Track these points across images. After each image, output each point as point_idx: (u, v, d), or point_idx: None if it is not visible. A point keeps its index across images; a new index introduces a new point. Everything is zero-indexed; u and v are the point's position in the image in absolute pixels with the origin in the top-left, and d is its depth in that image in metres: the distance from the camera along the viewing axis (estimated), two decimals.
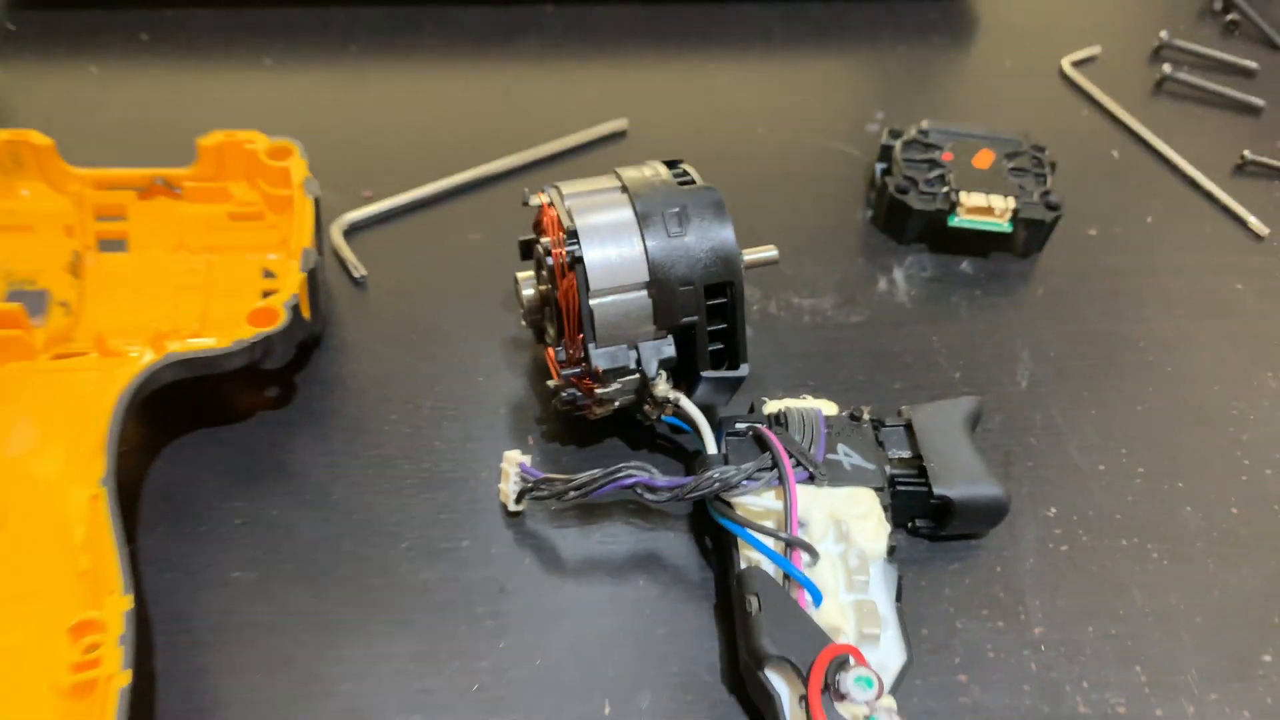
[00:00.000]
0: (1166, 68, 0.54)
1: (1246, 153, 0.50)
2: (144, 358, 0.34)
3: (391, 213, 0.45)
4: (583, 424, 0.38)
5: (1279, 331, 0.44)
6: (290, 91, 0.50)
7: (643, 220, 0.34)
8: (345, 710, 0.31)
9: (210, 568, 0.34)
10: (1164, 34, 0.56)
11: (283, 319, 0.35)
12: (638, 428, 0.38)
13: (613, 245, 0.34)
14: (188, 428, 0.37)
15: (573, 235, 0.34)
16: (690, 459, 0.38)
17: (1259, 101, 0.54)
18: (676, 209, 0.34)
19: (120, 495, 0.31)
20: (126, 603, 0.28)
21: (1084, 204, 0.48)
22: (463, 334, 0.41)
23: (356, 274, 0.42)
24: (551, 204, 0.35)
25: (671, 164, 0.37)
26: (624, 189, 0.35)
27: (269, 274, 0.41)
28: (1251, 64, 0.56)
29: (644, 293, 0.34)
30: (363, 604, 0.34)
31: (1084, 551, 0.37)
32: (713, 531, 0.36)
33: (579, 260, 0.33)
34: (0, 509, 0.31)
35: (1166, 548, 0.37)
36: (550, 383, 0.37)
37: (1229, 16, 0.58)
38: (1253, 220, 0.48)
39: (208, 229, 0.41)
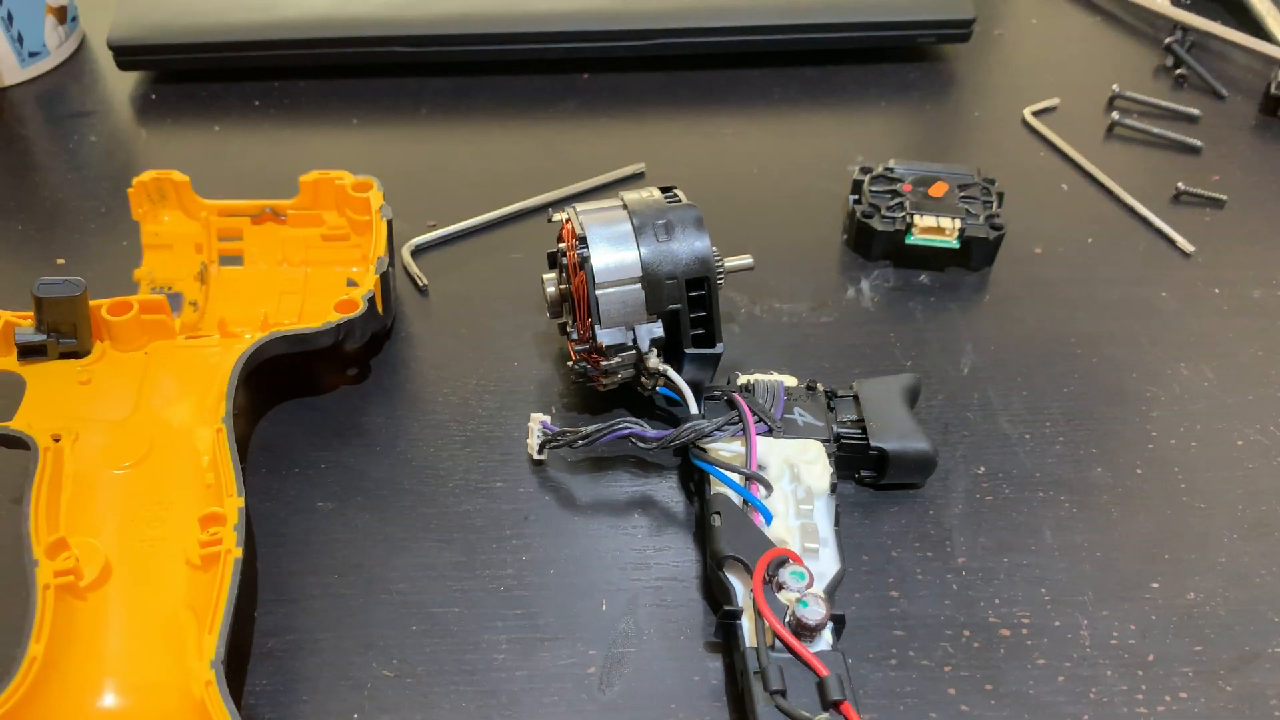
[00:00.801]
0: (1115, 114, 0.63)
1: (1180, 184, 0.58)
2: (255, 337, 0.45)
3: (450, 237, 0.55)
4: (594, 397, 0.47)
5: (1195, 331, 0.52)
6: (372, 144, 0.61)
7: (637, 230, 0.44)
8: (400, 604, 0.41)
9: (300, 499, 0.44)
10: (1115, 86, 0.65)
11: (361, 308, 0.45)
12: (639, 400, 0.47)
13: (614, 249, 0.43)
14: (286, 397, 0.47)
15: (583, 241, 0.43)
16: (678, 423, 0.47)
17: (1198, 142, 0.61)
18: (664, 221, 0.44)
19: (237, 446, 0.41)
20: (239, 501, 0.38)
21: (1033, 228, 0.56)
22: (503, 330, 0.51)
23: (420, 284, 0.53)
24: (569, 220, 0.45)
25: (666, 189, 0.46)
26: (624, 206, 0.45)
27: (352, 283, 0.51)
28: (1195, 111, 0.63)
29: (638, 286, 0.43)
30: (415, 527, 0.43)
31: (1005, 501, 0.45)
32: (694, 477, 0.44)
33: (587, 260, 0.43)
34: (148, 443, 0.41)
35: (1077, 499, 0.45)
36: (568, 363, 0.47)
37: (1178, 71, 0.66)
38: (1180, 240, 0.56)
39: (305, 247, 0.51)
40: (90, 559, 0.36)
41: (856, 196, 0.56)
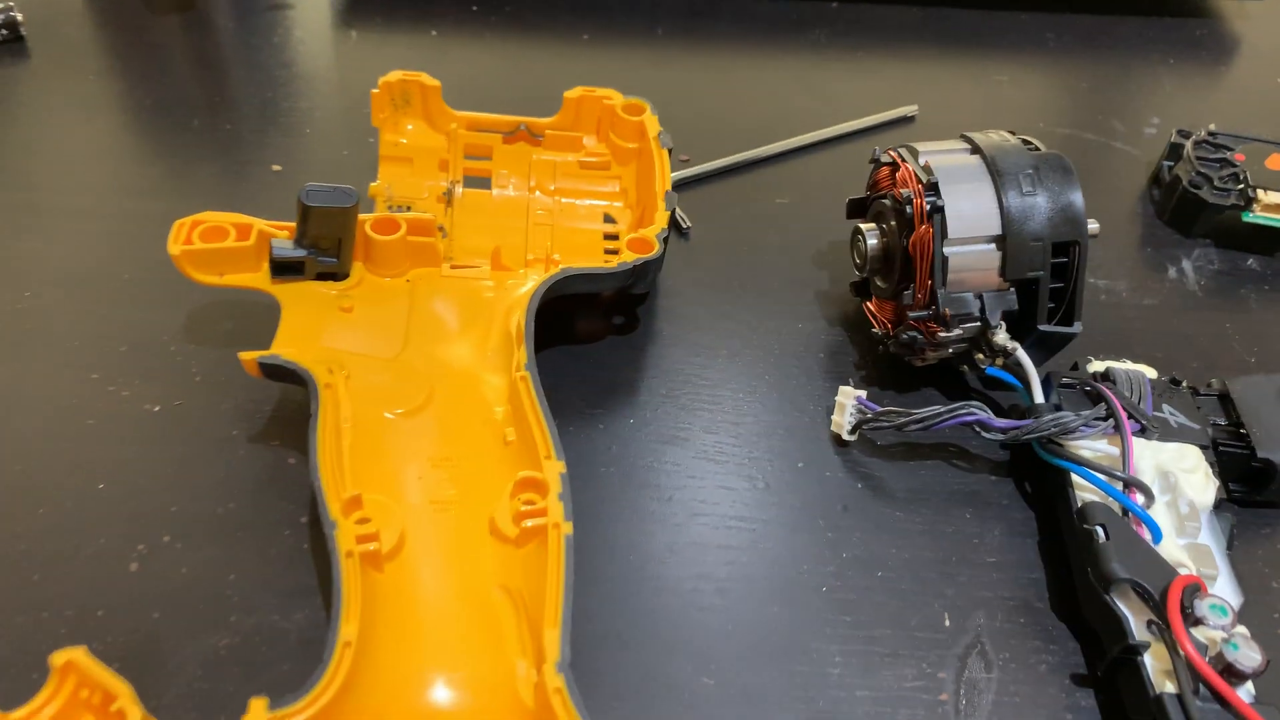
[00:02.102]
0: None
1: None
2: (528, 274, 0.39)
3: (705, 175, 0.49)
4: (900, 372, 0.41)
5: None
6: (603, 65, 0.54)
7: (998, 177, 0.37)
8: (703, 600, 0.35)
9: (583, 463, 0.37)
10: None
11: (656, 249, 0.38)
12: (954, 379, 0.41)
13: (968, 199, 0.37)
14: (551, 345, 0.41)
15: (933, 188, 0.37)
16: (1004, 414, 0.40)
17: None
18: (1030, 169, 0.37)
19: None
20: (561, 466, 0.32)
21: None
22: (777, 284, 0.45)
23: (684, 225, 0.46)
24: (902, 162, 0.38)
25: (1026, 141, 0.39)
26: (976, 149, 0.38)
27: (609, 219, 0.44)
28: None
29: (993, 245, 0.37)
30: (714, 503, 0.37)
31: None
32: (1036, 475, 0.38)
33: (939, 210, 0.36)
34: (428, 387, 0.35)
35: None
36: (874, 330, 0.40)
37: None
38: None
39: (560, 175, 0.45)
40: (387, 522, 0.30)
41: (1170, 163, 0.49)
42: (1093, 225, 0.41)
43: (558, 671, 0.27)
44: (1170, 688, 0.31)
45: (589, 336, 0.42)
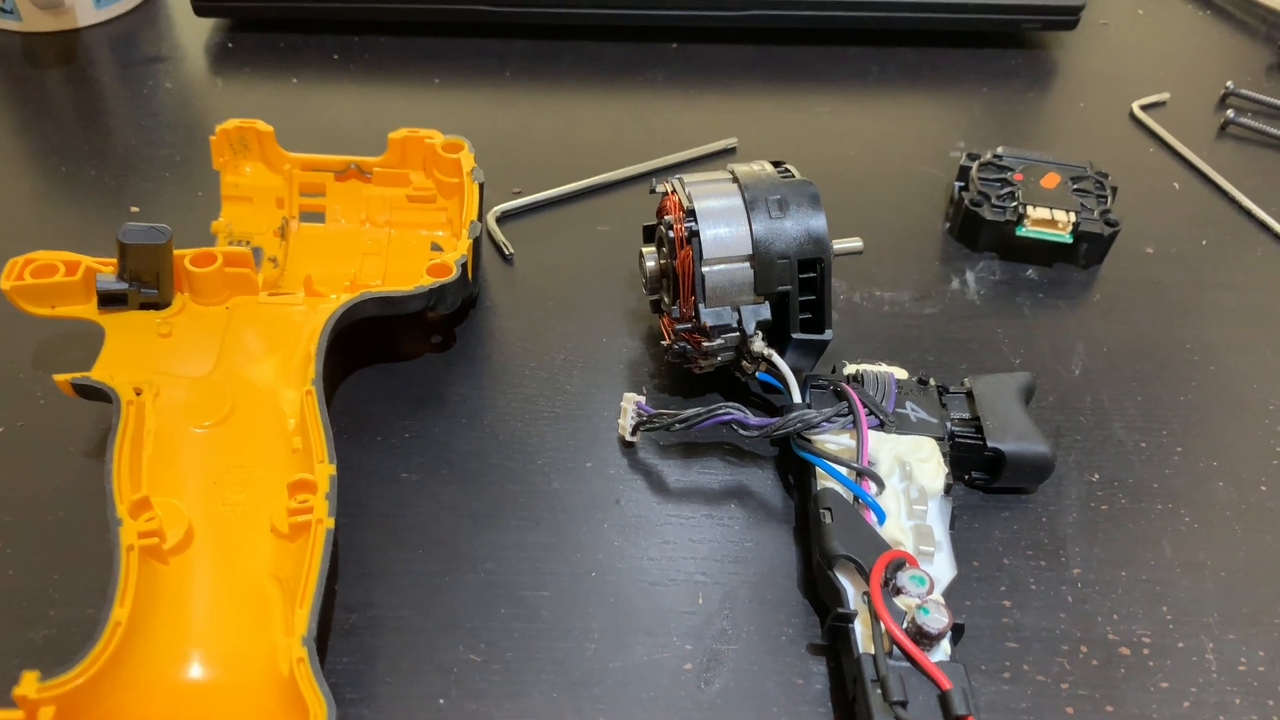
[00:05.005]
0: (1230, 113, 0.60)
1: None
2: (341, 298, 0.43)
3: (536, 205, 0.53)
4: (687, 380, 0.45)
5: None
6: (454, 106, 0.59)
7: (749, 205, 0.41)
8: (486, 584, 0.39)
9: (384, 469, 0.42)
10: (1229, 83, 0.62)
11: (455, 273, 0.43)
12: (735, 385, 0.45)
13: (723, 224, 0.41)
14: (367, 363, 0.45)
15: (691, 214, 0.41)
16: (777, 413, 0.44)
17: None
18: (778, 196, 0.41)
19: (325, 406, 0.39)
20: (331, 469, 0.36)
21: (1143, 226, 0.54)
22: (591, 304, 0.49)
23: (507, 252, 0.51)
24: (674, 192, 0.43)
25: (776, 163, 0.44)
26: (735, 179, 0.42)
27: (436, 248, 0.49)
28: None
29: (747, 264, 0.41)
30: (503, 504, 0.41)
31: (1121, 511, 0.42)
32: (795, 468, 0.42)
33: (695, 234, 0.41)
34: (230, 402, 0.39)
35: (1198, 513, 0.42)
36: (663, 342, 0.44)
37: None
38: None
39: (389, 208, 0.49)
40: (174, 521, 0.35)
41: (963, 183, 0.53)
42: (855, 242, 0.45)
43: (302, 644, 0.31)
44: (869, 649, 0.35)
45: (410, 354, 0.46)
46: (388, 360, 0.46)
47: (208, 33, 0.62)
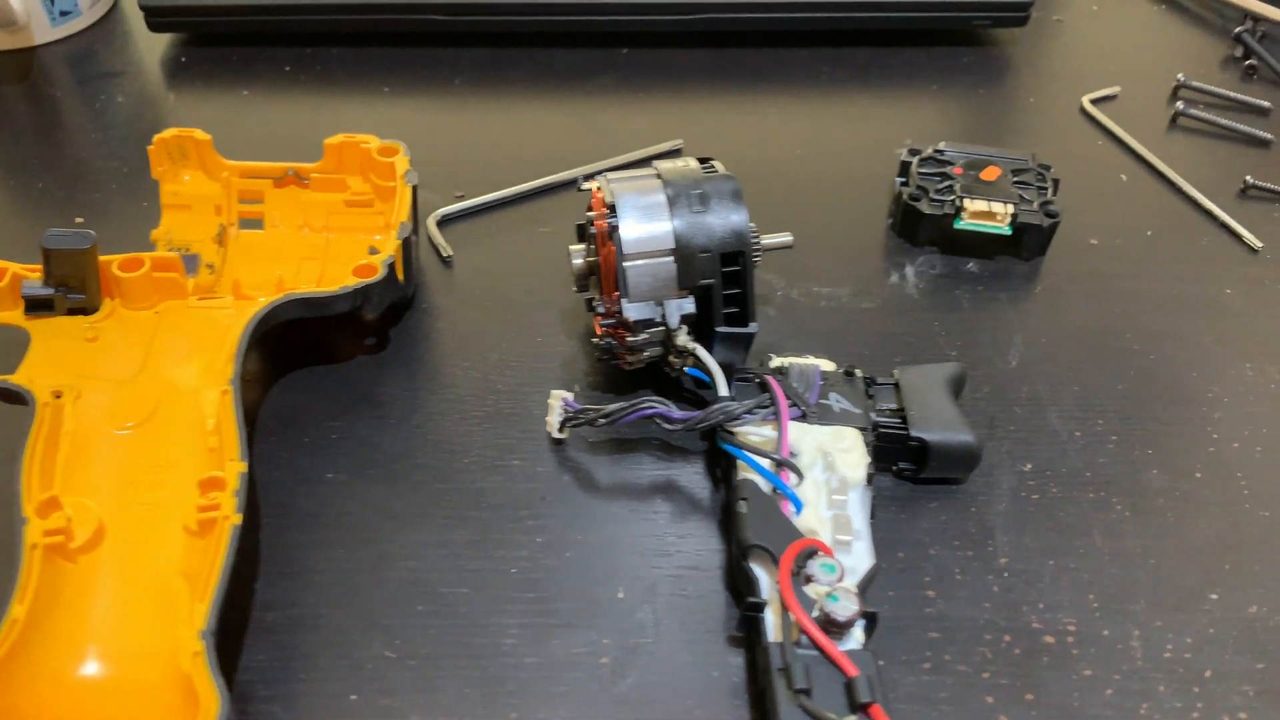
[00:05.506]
0: (1180, 105, 0.59)
1: (1249, 178, 0.55)
2: (269, 303, 0.43)
3: (479, 209, 0.53)
4: (621, 377, 0.45)
5: (1262, 330, 0.48)
6: (403, 114, 0.59)
7: (671, 201, 0.41)
8: (408, 581, 0.39)
9: (311, 469, 0.42)
10: (1181, 76, 0.61)
11: (380, 273, 0.43)
12: (667, 382, 0.45)
13: (645, 219, 0.41)
14: (302, 365, 0.46)
15: (612, 210, 0.41)
16: (708, 405, 0.44)
17: (1268, 136, 0.58)
18: (700, 192, 0.41)
19: (245, 411, 0.39)
20: (242, 466, 0.36)
21: (1089, 219, 0.53)
22: (528, 304, 0.49)
23: (444, 254, 0.51)
24: (599, 188, 0.43)
25: (704, 160, 0.44)
26: (658, 176, 0.43)
27: (374, 251, 0.49)
28: (1265, 103, 0.60)
29: (670, 259, 0.41)
30: (428, 503, 0.41)
31: (1053, 500, 0.42)
32: (721, 462, 0.42)
33: (616, 230, 0.41)
34: (153, 404, 0.39)
35: (1130, 501, 0.42)
36: (593, 339, 0.44)
37: (1248, 62, 0.63)
38: (1248, 235, 0.52)
39: (327, 213, 0.49)
40: (83, 520, 0.35)
41: (904, 179, 0.53)
42: (785, 237, 0.45)
43: (200, 638, 0.31)
44: (777, 637, 0.34)
45: (344, 357, 0.46)
46: (322, 363, 0.46)
47: (163, 48, 0.63)
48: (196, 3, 0.61)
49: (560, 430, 0.43)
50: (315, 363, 0.46)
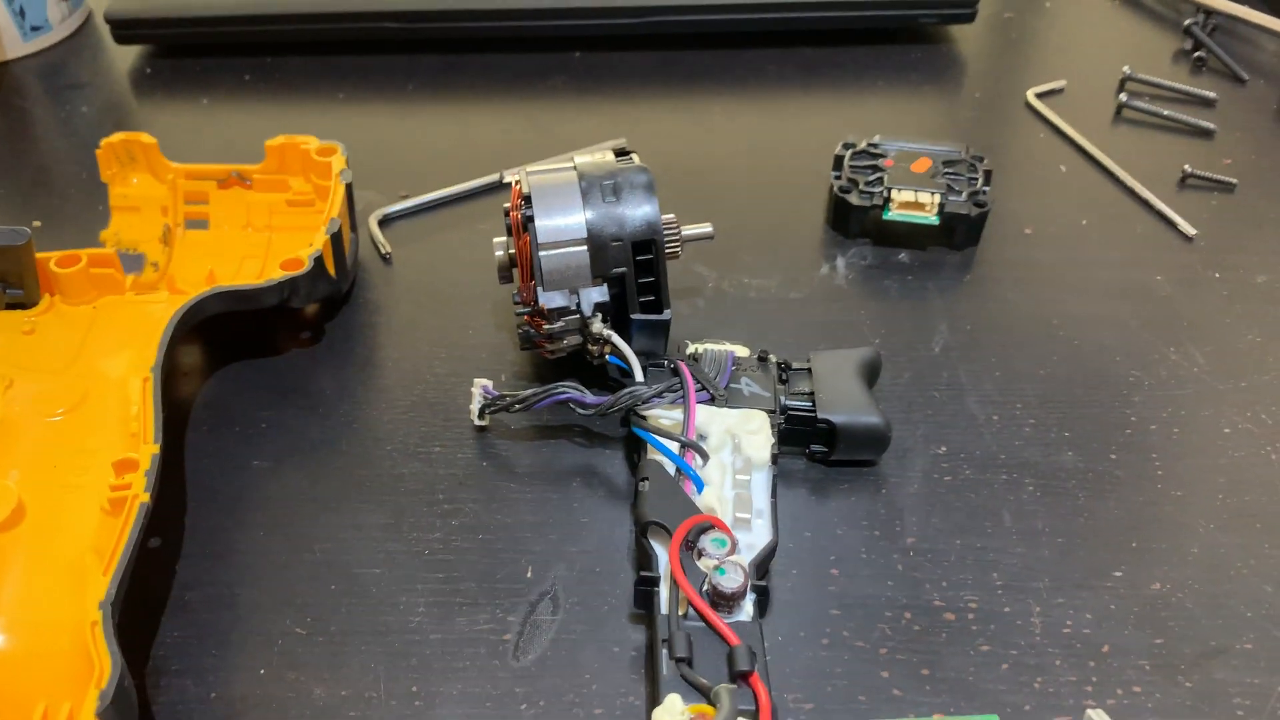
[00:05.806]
0: (1123, 97, 0.60)
1: (1187, 166, 0.55)
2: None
3: (422, 208, 0.55)
4: (546, 366, 0.46)
5: (1189, 315, 0.49)
6: (357, 119, 0.61)
7: (584, 192, 0.42)
8: (324, 562, 0.40)
9: (237, 457, 0.43)
10: (1126, 68, 0.62)
11: (306, 266, 0.44)
12: (592, 370, 0.46)
13: (558, 210, 0.42)
14: (235, 358, 0.47)
15: (527, 201, 0.42)
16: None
17: (1211, 126, 0.58)
18: (612, 182, 0.43)
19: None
20: (154, 448, 0.37)
21: (1025, 209, 0.54)
22: (462, 298, 0.50)
23: (384, 251, 0.52)
24: (518, 181, 0.44)
25: (622, 152, 0.45)
26: (575, 169, 0.44)
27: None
28: (1210, 94, 0.60)
29: (583, 248, 0.42)
30: (348, 488, 0.42)
31: (965, 482, 0.42)
32: (636, 448, 0.43)
33: (531, 220, 0.42)
34: (82, 392, 0.41)
35: (1042, 483, 0.42)
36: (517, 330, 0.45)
37: (1197, 55, 0.63)
38: (1182, 223, 0.53)
39: (270, 212, 0.51)
40: (2, 500, 0.36)
41: (838, 173, 0.54)
42: (706, 228, 0.46)
43: (99, 608, 0.32)
44: (669, 610, 0.35)
45: (279, 350, 0.48)
46: (256, 356, 0.47)
47: (130, 60, 0.65)
48: (160, 15, 0.63)
49: (480, 417, 0.44)
50: (251, 356, 0.47)
